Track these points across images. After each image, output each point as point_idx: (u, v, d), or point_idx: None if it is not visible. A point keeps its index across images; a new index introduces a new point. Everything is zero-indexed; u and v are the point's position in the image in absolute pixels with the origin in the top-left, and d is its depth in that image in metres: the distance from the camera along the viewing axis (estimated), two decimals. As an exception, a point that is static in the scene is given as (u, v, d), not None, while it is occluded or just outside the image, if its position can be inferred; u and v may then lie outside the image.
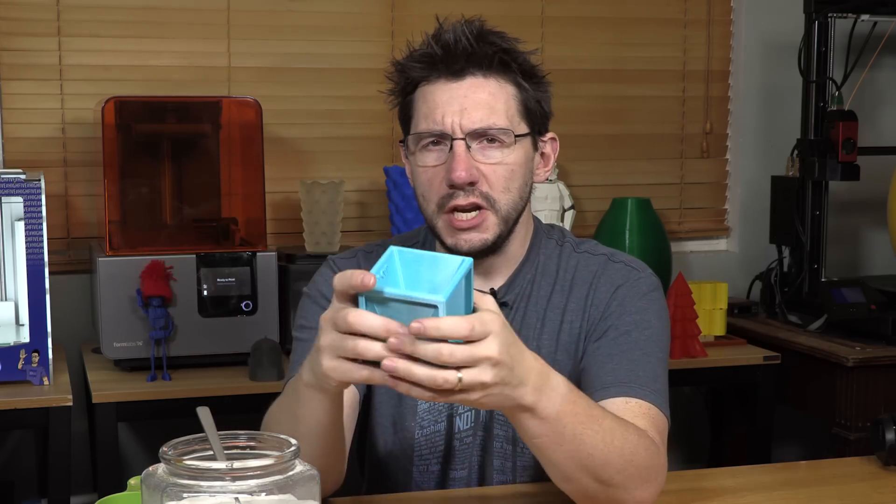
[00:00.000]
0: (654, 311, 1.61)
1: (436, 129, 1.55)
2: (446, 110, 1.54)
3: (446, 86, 1.55)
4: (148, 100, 2.99)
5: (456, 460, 1.65)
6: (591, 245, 1.69)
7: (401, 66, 1.59)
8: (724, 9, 3.62)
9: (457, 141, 1.54)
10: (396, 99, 1.62)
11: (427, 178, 1.57)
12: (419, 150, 1.58)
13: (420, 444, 1.66)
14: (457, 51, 1.54)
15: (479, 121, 1.54)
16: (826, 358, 2.96)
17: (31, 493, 3.09)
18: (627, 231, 3.20)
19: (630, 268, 1.65)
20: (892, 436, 1.67)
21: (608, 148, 3.53)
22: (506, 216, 1.57)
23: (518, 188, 1.58)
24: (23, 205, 2.51)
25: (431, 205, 1.57)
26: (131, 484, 1.39)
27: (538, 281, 1.66)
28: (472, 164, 1.54)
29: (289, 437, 1.19)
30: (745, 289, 3.52)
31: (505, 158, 1.56)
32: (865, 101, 3.57)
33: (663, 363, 1.59)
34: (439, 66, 1.55)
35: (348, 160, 3.29)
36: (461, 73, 1.55)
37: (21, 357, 2.52)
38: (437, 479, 1.66)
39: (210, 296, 2.74)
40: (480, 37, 1.55)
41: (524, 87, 1.59)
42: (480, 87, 1.55)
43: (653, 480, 1.43)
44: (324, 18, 3.26)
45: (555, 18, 3.42)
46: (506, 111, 1.56)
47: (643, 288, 1.63)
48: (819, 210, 3.29)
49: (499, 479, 1.65)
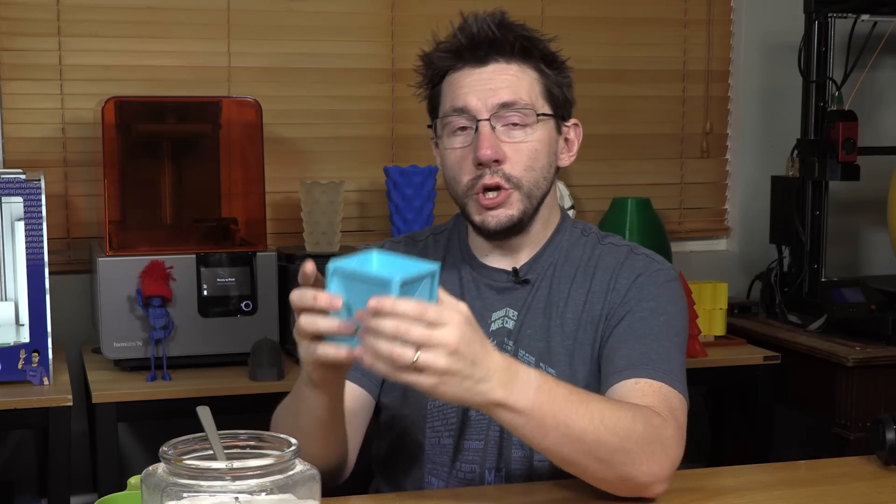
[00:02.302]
0: (670, 299, 1.66)
1: (459, 106, 1.62)
2: (470, 92, 1.62)
3: (471, 71, 1.63)
4: (148, 100, 2.99)
5: (472, 430, 1.67)
6: (615, 238, 1.76)
7: (428, 58, 1.68)
8: (724, 9, 3.62)
9: (482, 122, 1.61)
10: (425, 90, 1.70)
11: (455, 160, 1.65)
12: (447, 134, 1.66)
13: (432, 414, 1.68)
14: (480, 39, 1.62)
15: (503, 97, 1.61)
16: (826, 358, 2.96)
17: (31, 493, 3.09)
18: (627, 231, 3.20)
19: (651, 259, 1.71)
20: (892, 436, 1.67)
21: (608, 148, 3.53)
22: (529, 193, 1.64)
23: (541, 168, 1.64)
24: (23, 205, 2.51)
25: (461, 186, 1.65)
26: (131, 483, 1.39)
27: (561, 264, 1.71)
28: (498, 143, 1.61)
29: (289, 436, 1.20)
30: (745, 289, 3.52)
31: (528, 137, 1.63)
32: (865, 101, 3.57)
33: (679, 346, 1.64)
34: (465, 55, 1.63)
35: (348, 160, 3.29)
36: (485, 60, 1.62)
37: (21, 357, 2.52)
38: (449, 453, 1.67)
39: (210, 296, 2.74)
40: (502, 25, 1.63)
41: (546, 72, 1.66)
42: (504, 71, 1.63)
43: (660, 454, 1.47)
44: (324, 18, 3.26)
45: (555, 18, 3.42)
46: (529, 92, 1.63)
47: (662, 278, 1.68)
48: (819, 210, 3.29)
49: (517, 455, 1.66)
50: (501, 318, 1.69)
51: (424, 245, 1.78)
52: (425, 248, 1.77)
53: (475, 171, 1.62)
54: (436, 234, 1.80)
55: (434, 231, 1.81)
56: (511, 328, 1.68)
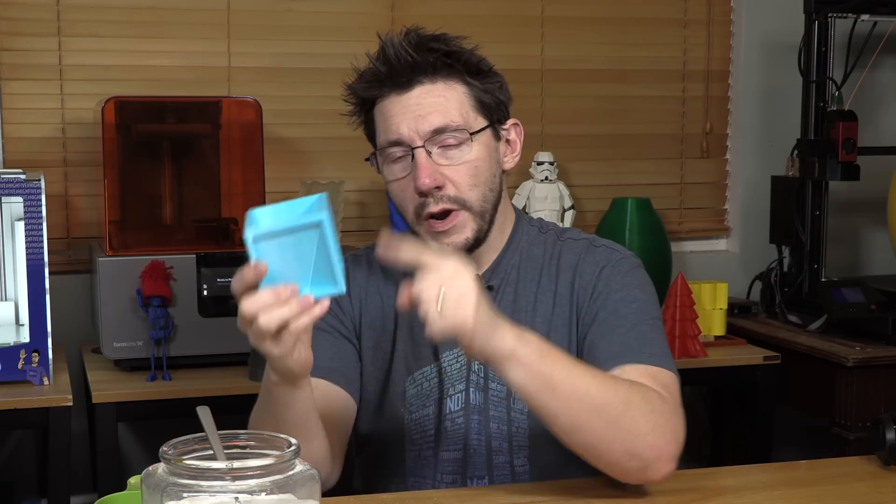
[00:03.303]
0: (637, 285, 1.66)
1: (393, 139, 1.61)
2: (401, 121, 1.60)
3: (397, 99, 1.62)
4: (148, 100, 2.99)
5: (447, 441, 1.67)
6: (573, 232, 1.74)
7: (352, 90, 1.67)
8: (724, 9, 3.62)
9: (417, 149, 1.60)
10: (358, 119, 1.69)
11: (399, 190, 1.64)
12: (386, 163, 1.65)
13: (410, 428, 1.68)
14: (399, 64, 1.60)
15: (434, 122, 1.59)
16: (826, 358, 2.96)
17: (31, 493, 3.09)
18: (627, 231, 3.20)
19: (611, 250, 1.70)
20: (892, 436, 1.67)
21: (608, 148, 3.53)
22: (480, 211, 1.63)
23: (485, 181, 1.63)
24: (23, 205, 2.51)
25: (409, 215, 1.64)
26: (131, 483, 1.39)
27: (524, 266, 1.70)
28: (435, 169, 1.59)
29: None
30: (745, 289, 3.52)
31: (465, 157, 1.61)
32: (865, 101, 3.57)
33: (657, 328, 1.63)
34: (387, 83, 1.62)
35: (348, 160, 3.28)
36: (409, 85, 1.61)
37: (21, 357, 2.52)
38: (431, 465, 1.67)
39: (210, 296, 2.74)
40: (420, 46, 1.61)
41: (472, 83, 1.63)
42: (430, 93, 1.61)
43: (663, 426, 1.47)
44: (324, 18, 3.26)
45: (555, 18, 3.42)
46: (459, 110, 1.61)
47: (625, 266, 1.67)
48: (819, 210, 3.29)
49: (497, 461, 1.66)
50: None
51: None
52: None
53: (418, 198, 1.60)
54: None
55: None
56: None
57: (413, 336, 1.69)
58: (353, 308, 1.71)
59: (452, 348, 1.67)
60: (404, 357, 1.69)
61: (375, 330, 1.71)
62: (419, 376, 1.68)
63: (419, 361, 1.69)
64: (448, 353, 1.68)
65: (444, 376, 1.67)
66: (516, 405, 1.66)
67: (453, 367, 1.67)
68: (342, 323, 1.69)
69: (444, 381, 1.67)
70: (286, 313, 1.32)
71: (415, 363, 1.69)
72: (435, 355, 1.68)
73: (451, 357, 1.68)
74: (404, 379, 1.69)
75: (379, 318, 1.71)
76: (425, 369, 1.68)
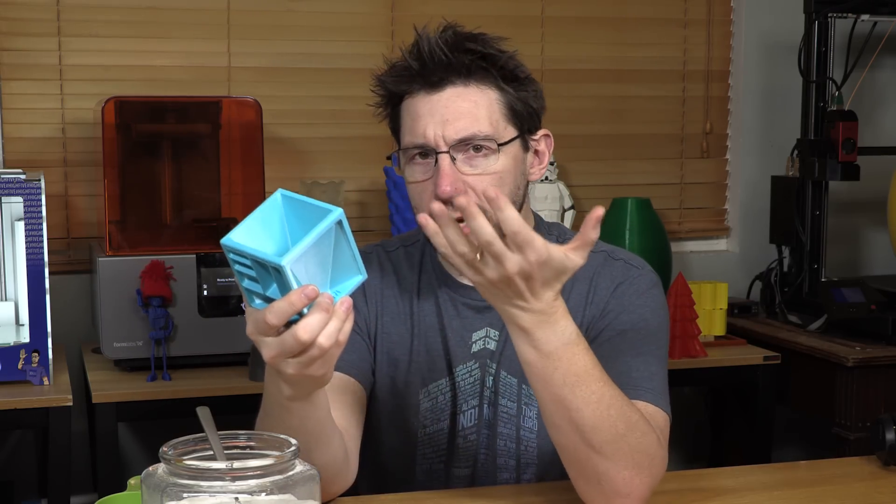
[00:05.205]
0: (651, 309, 1.61)
1: (419, 142, 1.54)
2: (428, 123, 1.54)
3: (427, 98, 1.55)
4: (148, 100, 2.99)
5: (459, 458, 1.65)
6: None
7: (381, 82, 1.60)
8: (724, 9, 3.62)
9: (441, 154, 1.53)
10: (384, 111, 1.62)
11: (417, 192, 1.58)
12: (407, 164, 1.58)
13: (423, 442, 1.66)
14: (433, 63, 1.54)
15: (462, 130, 1.53)
16: (826, 358, 2.96)
17: (31, 493, 3.09)
18: (627, 231, 3.20)
19: (629, 265, 1.65)
20: (892, 436, 1.67)
21: (608, 148, 3.53)
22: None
23: (509, 193, 1.56)
24: (23, 205, 2.51)
25: None
26: (131, 484, 1.39)
27: None
28: (458, 176, 1.53)
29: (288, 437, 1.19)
30: (745, 289, 3.52)
31: (491, 166, 1.55)
32: (865, 101, 3.57)
33: (661, 360, 1.58)
34: (418, 80, 1.55)
35: (348, 160, 3.29)
36: (440, 85, 1.54)
37: (21, 357, 2.52)
38: (441, 479, 1.66)
39: (210, 296, 2.74)
40: (456, 45, 1.55)
41: (506, 90, 1.57)
42: (461, 97, 1.54)
43: (646, 468, 1.41)
44: (324, 18, 3.26)
45: (555, 18, 3.42)
46: (489, 118, 1.54)
47: (642, 286, 1.62)
48: (819, 210, 3.29)
49: (503, 478, 1.65)
50: (482, 338, 1.65)
51: (397, 258, 1.71)
52: (398, 261, 1.71)
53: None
54: (406, 245, 1.73)
55: (404, 243, 1.73)
56: (493, 349, 1.64)
57: (427, 347, 1.65)
58: (369, 309, 1.67)
59: (466, 361, 1.64)
60: (419, 368, 1.66)
61: (390, 335, 1.67)
62: (434, 389, 1.65)
63: (433, 374, 1.65)
64: (461, 367, 1.65)
65: (457, 391, 1.65)
66: (525, 423, 1.64)
67: (466, 382, 1.65)
68: (355, 318, 1.66)
69: (457, 395, 1.64)
70: (338, 324, 1.23)
71: (429, 375, 1.65)
72: (448, 368, 1.65)
73: (464, 371, 1.65)
74: (419, 391, 1.66)
75: (395, 324, 1.67)
76: (440, 382, 1.65)
